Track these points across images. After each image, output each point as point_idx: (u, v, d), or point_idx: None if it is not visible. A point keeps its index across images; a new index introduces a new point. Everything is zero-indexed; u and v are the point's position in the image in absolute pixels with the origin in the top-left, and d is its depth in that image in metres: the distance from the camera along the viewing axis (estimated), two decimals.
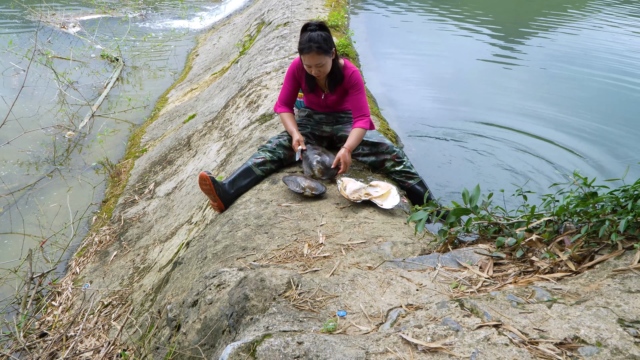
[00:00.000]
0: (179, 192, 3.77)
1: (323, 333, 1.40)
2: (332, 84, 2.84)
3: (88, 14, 10.12)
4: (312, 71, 2.73)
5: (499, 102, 5.28)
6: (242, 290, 1.65)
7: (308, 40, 2.62)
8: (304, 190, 2.60)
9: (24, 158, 4.89)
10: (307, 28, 2.67)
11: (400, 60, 6.69)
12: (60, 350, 2.45)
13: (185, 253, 2.58)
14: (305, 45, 2.64)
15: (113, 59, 7.61)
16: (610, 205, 1.64)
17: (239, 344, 1.35)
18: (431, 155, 4.17)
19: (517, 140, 4.43)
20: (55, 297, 3.09)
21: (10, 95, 5.63)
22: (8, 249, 3.65)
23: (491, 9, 10.20)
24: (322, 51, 2.63)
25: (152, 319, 2.25)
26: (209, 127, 4.59)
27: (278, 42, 5.67)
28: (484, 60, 6.77)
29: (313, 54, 2.64)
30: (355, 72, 2.83)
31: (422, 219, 1.94)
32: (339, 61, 2.81)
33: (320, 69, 2.71)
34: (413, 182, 2.95)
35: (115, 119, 5.90)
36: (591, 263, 1.55)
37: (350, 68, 2.83)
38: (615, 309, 1.30)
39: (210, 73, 6.73)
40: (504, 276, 1.65)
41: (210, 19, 10.44)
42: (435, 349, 1.23)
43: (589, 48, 7.39)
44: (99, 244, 3.55)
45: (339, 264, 1.96)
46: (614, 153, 4.23)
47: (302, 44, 2.65)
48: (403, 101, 5.28)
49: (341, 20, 6.73)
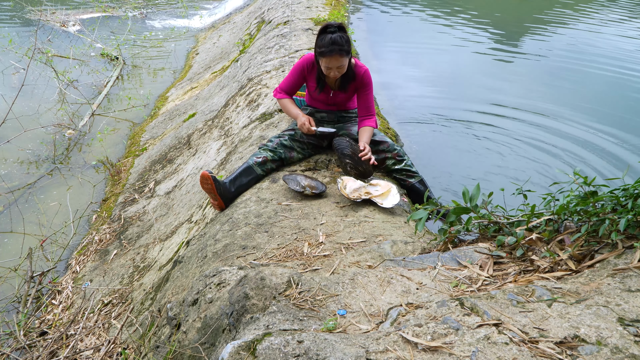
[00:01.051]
0: (179, 190, 3.77)
1: (323, 332, 1.40)
2: (345, 83, 2.83)
3: (88, 12, 10.12)
4: (331, 73, 2.70)
5: (499, 101, 5.28)
6: (242, 289, 1.65)
7: (331, 43, 2.59)
8: (304, 189, 2.61)
9: (24, 157, 4.89)
10: (326, 30, 2.62)
11: (400, 59, 6.69)
12: (60, 349, 2.45)
13: (185, 252, 2.58)
14: (328, 49, 2.60)
15: (113, 57, 7.61)
16: (610, 204, 1.64)
17: (239, 343, 1.35)
18: (431, 154, 4.17)
19: (517, 139, 4.43)
20: (56, 296, 3.09)
21: (10, 93, 5.63)
22: (8, 248, 3.65)
23: (491, 7, 10.19)
24: (345, 53, 2.62)
25: (153, 318, 2.25)
26: (209, 126, 4.59)
27: (278, 41, 5.66)
28: (485, 58, 6.77)
29: (336, 56, 2.61)
30: (367, 72, 2.84)
31: (422, 218, 1.94)
32: (351, 60, 2.81)
33: (340, 70, 2.71)
34: (413, 180, 2.95)
35: (115, 117, 5.90)
36: (591, 262, 1.55)
37: (362, 67, 2.83)
38: (615, 307, 1.30)
39: (211, 72, 6.72)
40: (504, 275, 1.65)
41: (210, 18, 10.44)
42: (436, 347, 1.23)
43: (591, 45, 7.39)
44: (99, 243, 3.55)
45: (339, 262, 1.96)
46: (615, 152, 4.23)
47: (324, 47, 2.61)
48: (403, 100, 5.27)
49: (341, 19, 6.72)
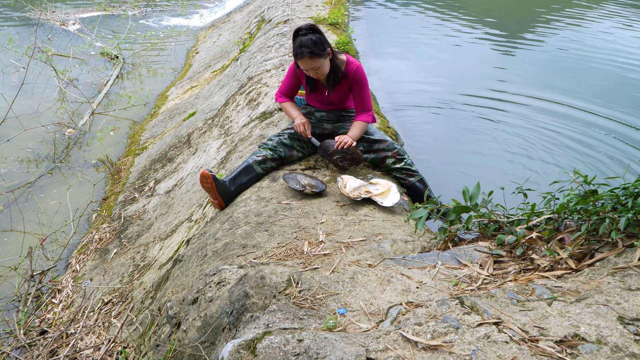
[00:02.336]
0: (179, 189, 3.77)
1: (323, 330, 1.40)
2: (332, 82, 2.83)
3: (88, 11, 10.12)
4: (310, 73, 2.74)
5: (501, 99, 5.28)
6: (242, 288, 1.65)
7: (299, 46, 2.62)
8: (304, 188, 2.61)
9: (24, 155, 4.88)
10: (298, 33, 2.66)
11: (400, 57, 6.68)
12: (60, 348, 2.45)
13: (185, 251, 2.58)
14: (297, 52, 2.64)
15: (113, 56, 7.61)
16: (610, 203, 1.64)
17: (239, 342, 1.35)
18: (431, 153, 4.17)
19: (517, 137, 4.43)
20: (56, 295, 3.09)
21: (10, 92, 5.63)
22: (8, 247, 3.65)
23: (492, 5, 10.18)
24: (315, 55, 2.63)
25: (153, 317, 2.25)
26: (209, 125, 4.59)
27: (278, 40, 5.66)
28: (487, 56, 6.76)
29: (306, 59, 2.63)
30: (359, 68, 2.83)
31: (422, 217, 1.94)
32: (338, 59, 2.80)
33: (318, 71, 2.72)
34: (413, 179, 2.95)
35: (115, 116, 5.90)
36: (591, 261, 1.55)
37: (354, 63, 2.82)
38: (616, 306, 1.30)
39: (210, 71, 6.72)
40: (504, 274, 1.65)
41: (210, 17, 10.43)
42: (436, 346, 1.23)
43: (594, 43, 7.38)
44: (99, 242, 3.55)
45: (339, 261, 1.96)
46: (615, 150, 4.23)
47: (294, 50, 2.66)
48: (404, 99, 5.27)
49: (341, 17, 6.71)
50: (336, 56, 2.78)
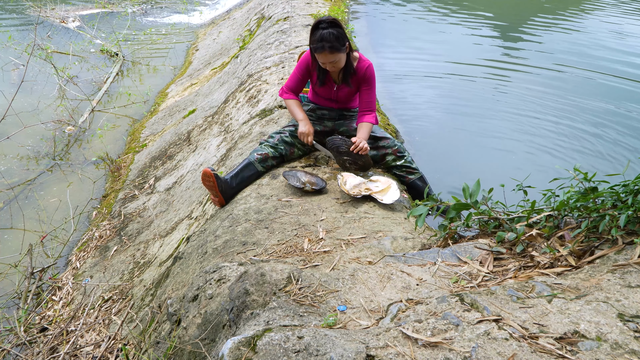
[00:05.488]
0: (179, 187, 3.77)
1: (323, 327, 1.41)
2: (346, 76, 2.83)
3: (87, 8, 10.10)
4: (327, 66, 2.73)
5: (501, 97, 5.27)
6: (243, 285, 1.65)
7: (320, 40, 2.60)
8: (304, 185, 2.61)
9: (23, 153, 4.88)
10: (318, 26, 2.63)
11: (401, 54, 6.66)
12: (60, 345, 2.46)
13: (185, 248, 2.58)
14: (317, 45, 2.62)
15: (113, 53, 7.59)
16: (610, 200, 1.64)
17: (240, 339, 1.35)
18: (431, 151, 4.16)
19: (517, 135, 4.42)
20: (56, 292, 3.10)
21: (10, 90, 5.62)
22: (8, 244, 3.65)
23: (492, 3, 10.16)
24: (335, 49, 2.62)
25: (153, 314, 2.26)
26: (209, 122, 4.59)
27: (278, 37, 5.65)
28: (485, 54, 6.75)
29: (326, 53, 2.62)
30: (370, 67, 2.83)
31: (422, 214, 1.94)
32: (352, 54, 2.80)
33: (335, 65, 2.71)
34: (413, 177, 2.95)
35: (115, 113, 5.89)
36: (591, 258, 1.55)
37: (365, 61, 2.82)
38: (615, 303, 1.30)
39: (210, 68, 6.71)
40: (504, 271, 1.65)
41: (210, 14, 10.42)
42: (436, 343, 1.23)
43: (593, 43, 7.37)
44: (99, 239, 3.55)
45: (339, 258, 1.96)
46: (615, 148, 4.23)
47: (315, 44, 2.63)
48: (403, 96, 5.26)
49: (341, 14, 6.70)
50: (351, 51, 2.79)
